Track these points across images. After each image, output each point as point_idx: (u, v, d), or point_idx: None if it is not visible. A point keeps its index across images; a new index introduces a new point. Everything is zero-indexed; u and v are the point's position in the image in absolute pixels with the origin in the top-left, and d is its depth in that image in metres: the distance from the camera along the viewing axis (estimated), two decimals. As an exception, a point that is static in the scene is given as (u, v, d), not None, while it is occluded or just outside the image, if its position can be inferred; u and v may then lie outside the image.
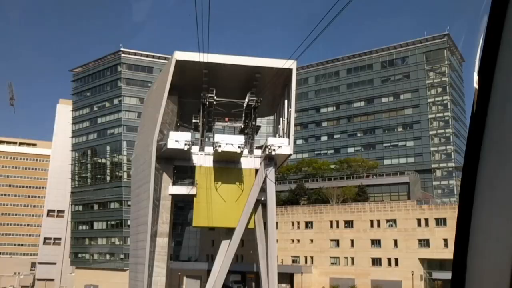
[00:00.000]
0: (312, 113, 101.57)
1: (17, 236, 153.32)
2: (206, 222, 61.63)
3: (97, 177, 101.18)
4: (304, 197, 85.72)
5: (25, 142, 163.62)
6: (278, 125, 68.26)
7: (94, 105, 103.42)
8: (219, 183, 61.91)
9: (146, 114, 72.39)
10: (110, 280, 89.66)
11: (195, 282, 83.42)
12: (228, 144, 57.18)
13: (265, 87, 62.12)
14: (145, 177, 60.24)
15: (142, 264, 58.35)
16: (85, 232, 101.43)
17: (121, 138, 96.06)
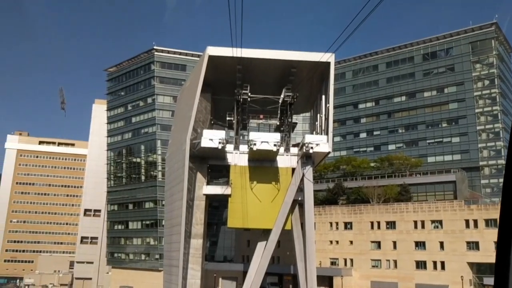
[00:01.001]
0: (350, 109, 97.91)
1: (56, 235, 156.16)
2: (241, 223, 59.48)
3: (132, 177, 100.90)
4: (342, 197, 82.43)
5: (63, 142, 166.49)
6: (315, 122, 65.44)
7: (128, 104, 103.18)
8: (255, 182, 59.68)
9: (179, 113, 70.89)
10: (146, 280, 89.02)
11: (231, 283, 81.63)
12: (264, 142, 54.79)
13: (301, 82, 59.49)
14: (179, 177, 58.65)
15: (176, 267, 56.76)
16: (121, 231, 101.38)
17: (155, 137, 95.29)
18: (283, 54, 58.47)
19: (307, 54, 58.51)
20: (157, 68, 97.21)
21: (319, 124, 61.89)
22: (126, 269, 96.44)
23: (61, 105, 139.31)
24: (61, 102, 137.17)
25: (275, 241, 58.79)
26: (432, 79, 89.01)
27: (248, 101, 58.45)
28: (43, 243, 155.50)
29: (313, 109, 69.53)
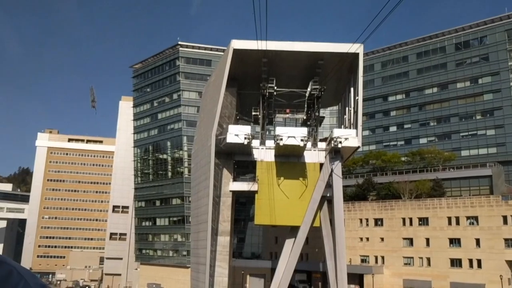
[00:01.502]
0: (379, 102, 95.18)
1: (87, 231, 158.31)
2: (268, 220, 58.22)
3: (159, 173, 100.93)
4: (372, 192, 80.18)
5: (92, 139, 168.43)
6: (343, 116, 63.56)
7: (154, 100, 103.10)
8: (282, 178, 58.28)
9: (204, 108, 70.00)
10: (173, 276, 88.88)
11: (259, 280, 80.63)
12: (290, 137, 53.20)
13: (328, 74, 57.64)
14: (205, 173, 57.78)
15: (203, 264, 55.97)
16: (148, 228, 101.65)
17: (181, 133, 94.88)
18: (310, 46, 56.73)
19: (335, 45, 56.64)
20: (182, 64, 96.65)
21: (347, 117, 59.99)
22: (154, 266, 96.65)
23: (91, 103, 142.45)
24: (91, 100, 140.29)
25: (303, 238, 57.31)
26: (465, 69, 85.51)
27: (274, 95, 57.06)
28: (74, 239, 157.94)
29: (341, 102, 67.61)
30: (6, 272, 1.05)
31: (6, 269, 1.06)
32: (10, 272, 1.06)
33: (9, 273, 1.06)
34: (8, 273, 1.06)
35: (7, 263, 1.10)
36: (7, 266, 1.07)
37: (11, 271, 1.07)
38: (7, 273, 1.05)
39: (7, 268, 1.07)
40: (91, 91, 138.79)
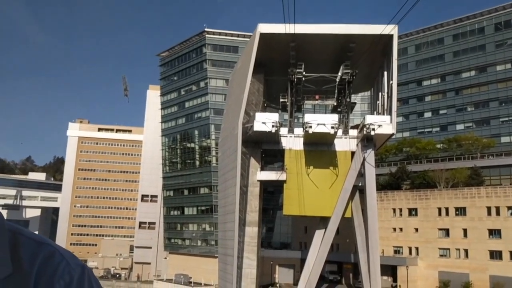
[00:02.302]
0: (412, 86, 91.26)
1: (117, 219, 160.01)
2: (297, 211, 56.28)
3: (187, 162, 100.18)
4: (406, 181, 77.17)
5: (121, 129, 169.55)
6: (376, 101, 60.73)
7: (181, 89, 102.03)
8: (311, 167, 56.10)
9: (231, 96, 68.26)
10: (202, 266, 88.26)
11: (288, 271, 79.21)
12: (320, 125, 50.91)
13: (360, 58, 54.98)
14: (232, 163, 56.17)
15: (230, 256, 54.61)
16: (177, 217, 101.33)
17: (209, 121, 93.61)
18: (341, 28, 54.01)
19: (367, 27, 53.76)
20: (208, 51, 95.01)
21: (380, 103, 57.20)
22: (183, 255, 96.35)
23: (124, 91, 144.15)
24: (124, 89, 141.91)
25: (334, 230, 55.22)
26: (506, 51, 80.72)
27: (302, 80, 54.86)
28: (105, 227, 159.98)
29: (373, 87, 64.70)
30: (49, 253, 1.17)
31: (49, 250, 1.18)
32: (53, 253, 1.18)
33: (52, 254, 1.17)
34: (51, 254, 1.17)
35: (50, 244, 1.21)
36: (50, 248, 1.19)
37: (53, 252, 1.18)
38: (50, 254, 1.17)
39: (50, 249, 1.19)
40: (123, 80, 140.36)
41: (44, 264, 1.14)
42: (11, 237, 1.17)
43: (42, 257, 1.15)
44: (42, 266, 1.13)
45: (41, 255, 1.15)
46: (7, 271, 1.08)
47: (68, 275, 1.14)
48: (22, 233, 1.21)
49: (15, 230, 1.21)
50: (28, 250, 1.15)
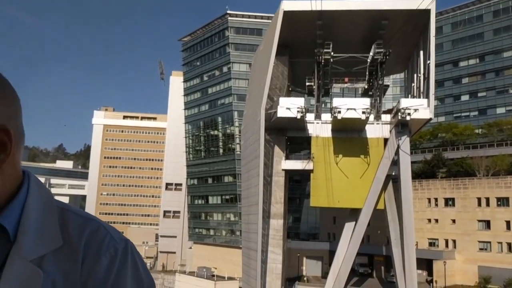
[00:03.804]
0: (448, 68, 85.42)
1: (143, 207, 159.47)
2: (326, 202, 52.67)
3: (211, 150, 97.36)
4: (442, 169, 72.23)
5: (146, 116, 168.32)
6: (410, 84, 56.15)
7: (204, 74, 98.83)
8: (340, 156, 52.26)
9: (253, 80, 64.61)
10: (227, 257, 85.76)
11: (316, 263, 75.71)
12: (350, 109, 46.91)
13: (393, 36, 50.51)
14: (254, 151, 52.78)
15: (254, 250, 51.55)
16: (201, 206, 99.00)
17: (232, 108, 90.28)
18: (372, 4, 49.58)
19: (402, 2, 49.10)
20: (231, 34, 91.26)
21: (416, 85, 52.67)
22: (207, 245, 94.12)
23: (160, 75, 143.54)
24: (160, 73, 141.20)
25: (365, 223, 51.42)
26: (553, 27, 74.28)
27: (330, 62, 50.91)
28: (131, 215, 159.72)
29: (408, 69, 59.99)
30: (95, 227, 1.25)
31: (95, 225, 1.26)
32: (98, 227, 1.26)
33: (97, 228, 1.25)
34: (97, 228, 1.25)
35: (95, 220, 1.30)
36: (96, 223, 1.28)
37: (99, 227, 1.26)
38: (96, 228, 1.25)
39: (96, 224, 1.27)
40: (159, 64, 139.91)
41: (90, 238, 1.22)
42: (60, 213, 1.27)
43: (88, 231, 1.24)
44: (89, 239, 1.22)
45: (87, 230, 1.24)
46: (58, 243, 1.19)
47: (113, 248, 1.22)
48: (69, 210, 1.30)
49: (63, 206, 1.31)
50: (75, 224, 1.25)
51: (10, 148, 1.14)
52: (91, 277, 1.18)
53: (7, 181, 1.18)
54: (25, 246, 1.14)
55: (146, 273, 1.29)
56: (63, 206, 1.31)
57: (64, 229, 1.23)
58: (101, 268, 1.19)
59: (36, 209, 1.22)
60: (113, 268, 1.20)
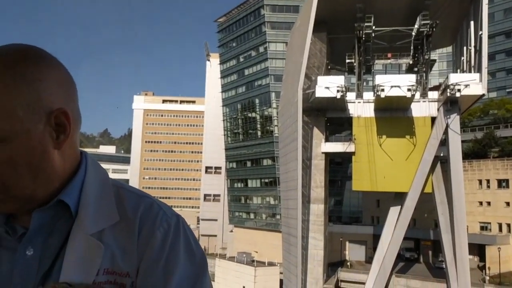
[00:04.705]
0: (500, 39, 79.52)
1: (184, 190, 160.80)
2: (369, 186, 50.05)
3: (249, 133, 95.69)
4: (494, 149, 67.66)
5: (185, 99, 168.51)
6: (459, 58, 52.05)
7: (240, 55, 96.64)
8: (383, 137, 49.34)
9: (289, 59, 61.93)
10: (268, 241, 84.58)
11: (360, 247, 73.30)
12: (394, 87, 43.83)
13: (441, 6, 46.78)
14: (292, 134, 50.54)
15: (294, 237, 49.70)
16: (240, 190, 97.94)
17: (269, 89, 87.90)
18: (417, -30, 45.74)
19: (450, -33, 45.06)
20: (267, 13, 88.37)
21: (465, 59, 48.63)
22: (248, 229, 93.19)
23: (206, 57, 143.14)
24: (206, 54, 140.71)
25: (412, 207, 48.48)
26: None
27: (372, 37, 47.83)
28: (173, 198, 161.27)
29: (456, 42, 55.69)
30: (149, 204, 1.29)
31: (148, 201, 1.30)
32: (152, 204, 1.30)
33: (151, 205, 1.30)
34: (150, 205, 1.29)
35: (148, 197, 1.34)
36: (149, 199, 1.32)
37: (152, 203, 1.30)
38: (150, 205, 1.29)
39: (149, 201, 1.31)
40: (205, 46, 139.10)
41: (145, 213, 1.27)
42: (115, 191, 1.32)
43: (143, 207, 1.28)
44: (143, 214, 1.27)
45: (142, 206, 1.29)
46: (115, 218, 1.25)
47: (166, 222, 1.27)
48: (124, 187, 1.35)
49: (118, 185, 1.35)
50: (130, 201, 1.30)
51: (69, 129, 1.18)
52: (146, 250, 1.24)
53: (67, 161, 1.23)
54: (85, 221, 1.22)
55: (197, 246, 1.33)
56: (118, 184, 1.37)
57: (120, 205, 1.30)
58: (156, 241, 1.24)
59: (94, 187, 1.29)
60: (167, 241, 1.25)
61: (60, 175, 1.22)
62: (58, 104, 1.16)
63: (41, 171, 1.16)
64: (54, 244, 1.19)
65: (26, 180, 1.14)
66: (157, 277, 1.22)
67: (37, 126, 1.12)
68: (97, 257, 1.19)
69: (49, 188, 1.20)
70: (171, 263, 1.24)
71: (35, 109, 1.11)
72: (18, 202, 1.16)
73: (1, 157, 1.09)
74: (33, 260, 1.16)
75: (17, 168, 1.11)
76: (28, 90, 1.10)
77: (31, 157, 1.12)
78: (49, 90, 1.14)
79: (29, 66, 1.13)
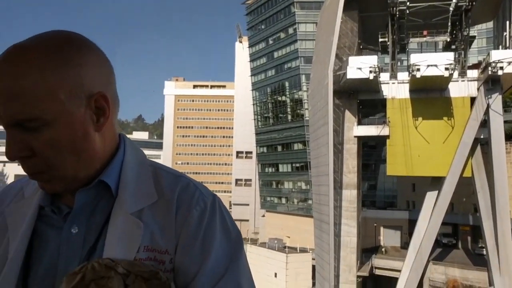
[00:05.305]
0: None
1: (216, 175, 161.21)
2: (404, 171, 48.03)
3: (279, 117, 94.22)
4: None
5: (215, 84, 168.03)
6: (501, 33, 48.75)
7: (269, 38, 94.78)
8: (419, 119, 47.06)
9: (319, 40, 59.76)
10: (301, 226, 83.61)
11: (395, 233, 71.35)
12: (431, 66, 41.40)
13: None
14: (323, 117, 48.84)
15: (326, 223, 48.34)
16: (271, 174, 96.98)
17: (299, 71, 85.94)
18: None
19: None
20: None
21: (508, 35, 45.46)
22: (280, 214, 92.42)
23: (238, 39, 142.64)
24: (238, 37, 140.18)
25: (450, 192, 46.26)
26: None
27: (406, 13, 45.17)
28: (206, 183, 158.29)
29: (497, 16, 52.26)
30: (185, 183, 1.33)
31: (185, 181, 1.34)
32: (188, 183, 1.34)
33: (187, 184, 1.33)
34: (187, 184, 1.33)
35: (185, 177, 1.38)
36: (185, 179, 1.36)
37: (188, 183, 1.34)
38: (186, 184, 1.33)
39: (186, 181, 1.35)
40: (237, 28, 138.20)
41: (182, 193, 1.30)
42: (153, 172, 1.35)
43: (180, 187, 1.31)
44: (180, 194, 1.30)
45: (179, 185, 1.32)
46: (153, 198, 1.28)
47: (202, 201, 1.30)
48: (161, 168, 1.39)
49: (156, 165, 1.39)
50: (168, 181, 1.33)
51: (108, 112, 1.21)
52: (184, 228, 1.26)
53: (107, 143, 1.26)
54: (126, 200, 1.26)
55: (233, 224, 1.34)
56: (155, 164, 1.39)
57: (158, 185, 1.31)
58: (193, 220, 1.27)
59: (133, 168, 1.32)
60: (203, 220, 1.27)
61: (101, 156, 1.25)
62: (98, 88, 1.19)
63: (83, 153, 1.19)
64: (97, 223, 1.24)
65: (70, 161, 1.17)
66: (195, 254, 1.25)
67: (79, 110, 1.16)
68: (138, 235, 1.23)
69: (91, 169, 1.24)
70: (208, 241, 1.26)
71: (77, 93, 1.15)
72: (62, 182, 1.21)
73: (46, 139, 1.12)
74: (78, 237, 1.22)
75: (62, 149, 1.15)
76: (71, 74, 1.14)
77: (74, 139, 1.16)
78: (89, 74, 1.18)
79: (71, 52, 1.15)
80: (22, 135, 1.12)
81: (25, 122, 1.10)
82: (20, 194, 1.36)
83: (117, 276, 1.07)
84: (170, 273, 1.24)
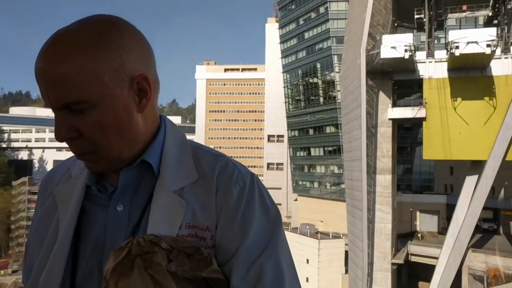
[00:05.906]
0: None
1: (249, 159, 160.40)
2: (442, 155, 45.78)
3: (311, 99, 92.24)
4: None
5: (246, 67, 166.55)
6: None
7: (299, 18, 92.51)
8: (458, 99, 44.51)
9: (351, 18, 57.39)
10: (334, 211, 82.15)
11: (431, 218, 68.94)
12: (471, 43, 38.77)
13: None
14: (355, 100, 46.93)
15: (359, 209, 46.81)
16: (303, 158, 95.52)
17: (331, 52, 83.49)
18: None
19: None
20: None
21: (556, 7, 42.20)
22: (312, 198, 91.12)
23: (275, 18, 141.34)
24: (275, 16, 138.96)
25: (492, 176, 43.73)
26: None
27: (444, -13, 42.43)
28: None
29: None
30: (224, 162, 1.35)
31: (224, 160, 1.36)
32: (227, 162, 1.36)
33: (226, 163, 1.35)
34: (226, 163, 1.35)
35: (224, 156, 1.41)
36: (224, 158, 1.38)
37: (227, 162, 1.36)
38: (225, 163, 1.35)
39: (225, 160, 1.37)
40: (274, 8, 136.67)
41: (221, 171, 1.32)
42: (193, 151, 1.38)
43: (219, 166, 1.34)
44: (220, 173, 1.32)
45: (218, 165, 1.34)
46: (194, 177, 1.32)
47: (241, 180, 1.32)
48: (201, 148, 1.41)
49: (195, 145, 1.42)
50: (207, 160, 1.35)
51: (150, 94, 1.24)
52: (224, 206, 1.28)
53: (148, 124, 1.29)
54: (167, 179, 1.29)
55: (272, 203, 1.37)
56: (195, 144, 1.42)
57: (198, 164, 1.34)
58: (232, 198, 1.29)
59: (174, 147, 1.34)
60: (242, 198, 1.29)
61: (143, 137, 1.28)
62: (139, 70, 1.22)
63: (127, 133, 1.22)
64: (140, 201, 1.28)
65: (114, 141, 1.21)
66: (235, 231, 1.27)
67: (122, 91, 1.19)
68: (180, 212, 1.26)
69: (134, 149, 1.27)
70: (247, 218, 1.28)
71: (120, 75, 1.18)
72: (108, 161, 1.24)
73: (92, 120, 1.16)
74: (123, 215, 1.26)
75: (107, 130, 1.18)
76: (113, 57, 1.16)
77: (118, 120, 1.19)
78: (131, 57, 1.20)
79: (113, 35, 1.18)
80: (69, 118, 1.16)
81: (72, 105, 1.14)
82: (67, 174, 1.40)
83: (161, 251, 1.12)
84: (211, 249, 1.26)
